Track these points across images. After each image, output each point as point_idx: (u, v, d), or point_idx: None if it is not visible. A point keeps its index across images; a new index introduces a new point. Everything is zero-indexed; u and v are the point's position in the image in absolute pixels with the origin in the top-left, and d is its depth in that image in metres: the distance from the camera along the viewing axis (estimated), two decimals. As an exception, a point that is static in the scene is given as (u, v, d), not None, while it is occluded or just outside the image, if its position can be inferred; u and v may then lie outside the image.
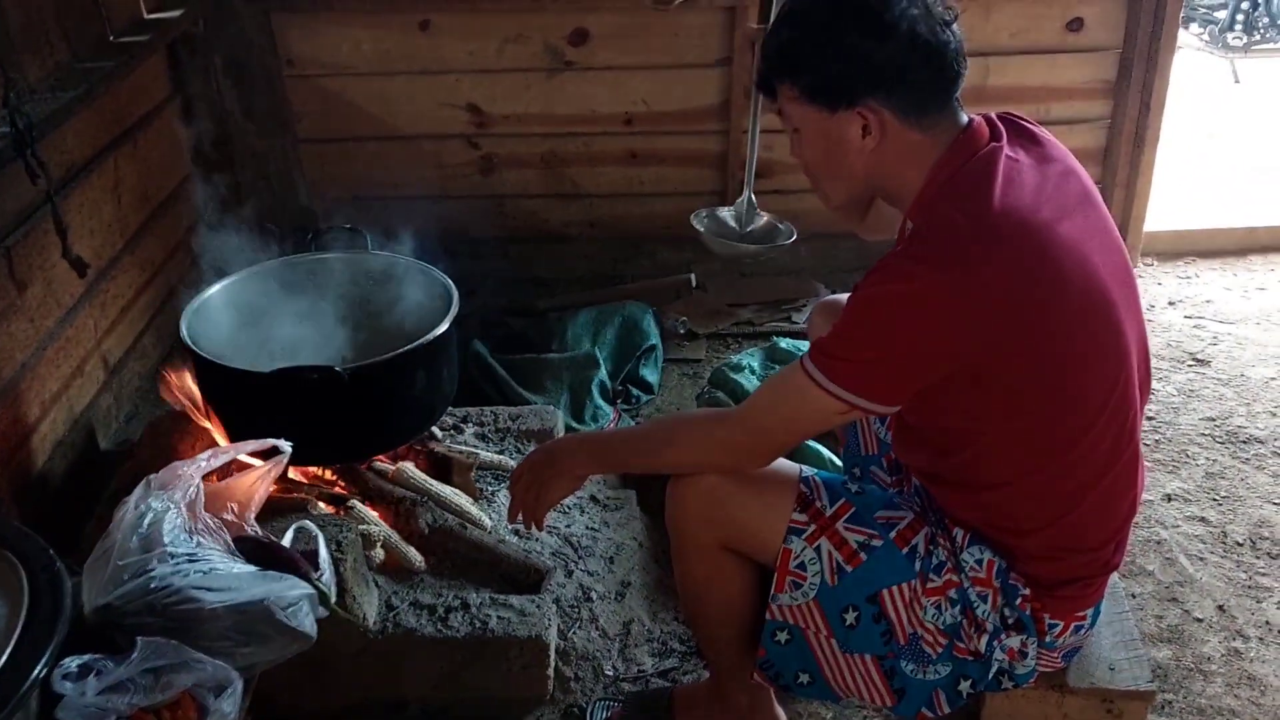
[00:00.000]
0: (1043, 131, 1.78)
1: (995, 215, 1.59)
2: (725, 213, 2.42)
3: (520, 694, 2.25)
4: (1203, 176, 5.07)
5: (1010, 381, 1.64)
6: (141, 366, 3.06)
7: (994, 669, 1.81)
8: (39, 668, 1.26)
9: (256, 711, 1.70)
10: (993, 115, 1.76)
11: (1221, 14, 6.86)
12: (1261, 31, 6.77)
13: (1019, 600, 1.78)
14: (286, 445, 1.85)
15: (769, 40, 1.73)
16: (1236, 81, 6.67)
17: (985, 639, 1.78)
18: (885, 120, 1.66)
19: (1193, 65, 6.60)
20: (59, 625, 1.31)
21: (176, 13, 3.29)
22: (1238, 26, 6.74)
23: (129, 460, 2.49)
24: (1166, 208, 4.26)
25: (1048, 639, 1.82)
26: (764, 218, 2.38)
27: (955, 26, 1.66)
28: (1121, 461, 1.75)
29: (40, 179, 2.24)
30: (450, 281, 2.48)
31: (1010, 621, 1.79)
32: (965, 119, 1.71)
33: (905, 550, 1.79)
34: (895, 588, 1.79)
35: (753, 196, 2.35)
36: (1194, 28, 7.03)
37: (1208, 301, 3.89)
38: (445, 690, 2.23)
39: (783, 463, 1.89)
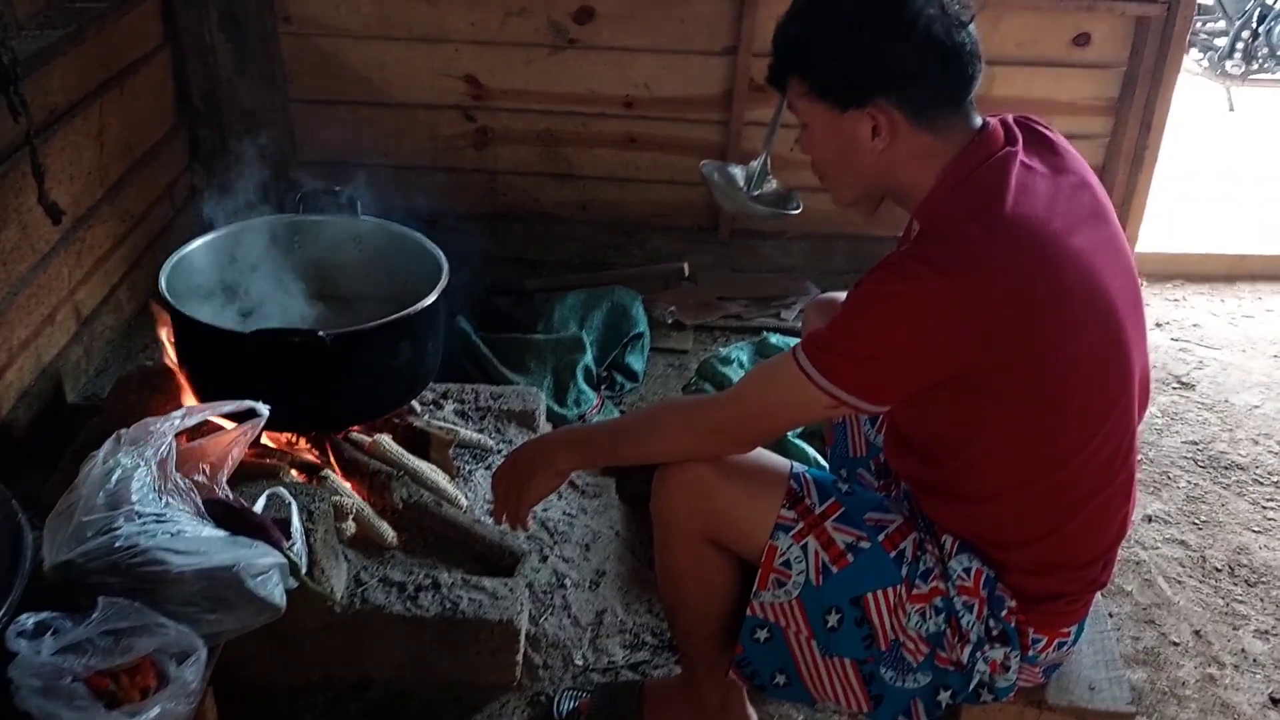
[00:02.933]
0: (1061, 139, 1.74)
1: (1006, 222, 1.56)
2: (736, 170, 2.35)
3: (487, 679, 2.20)
4: (1194, 202, 5.06)
5: (1005, 392, 1.61)
6: (114, 320, 2.99)
7: (975, 680, 1.77)
8: (-6, 623, 1.20)
9: (215, 683, 1.64)
10: (1009, 119, 1.73)
11: (1221, 41, 6.87)
12: (1260, 61, 6.77)
13: (1004, 612, 1.75)
14: (264, 408, 1.79)
15: (780, 33, 1.68)
16: (1231, 110, 6.68)
17: (968, 650, 1.74)
18: (896, 121, 1.62)
19: (1188, 90, 6.59)
20: (17, 579, 1.24)
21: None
22: (1237, 54, 6.74)
23: (96, 415, 2.42)
24: (1156, 230, 4.25)
25: (1031, 653, 1.78)
26: (773, 183, 2.31)
27: (972, 27, 1.62)
28: (1116, 482, 1.71)
29: (21, 117, 2.17)
30: (440, 252, 2.42)
31: (995, 633, 1.75)
32: (979, 121, 1.68)
33: (893, 554, 1.75)
34: (880, 592, 1.75)
35: (769, 161, 2.28)
36: (1193, 53, 7.04)
37: (1195, 325, 3.89)
38: (411, 672, 2.18)
39: (774, 457, 1.85)
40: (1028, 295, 1.54)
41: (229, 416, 1.84)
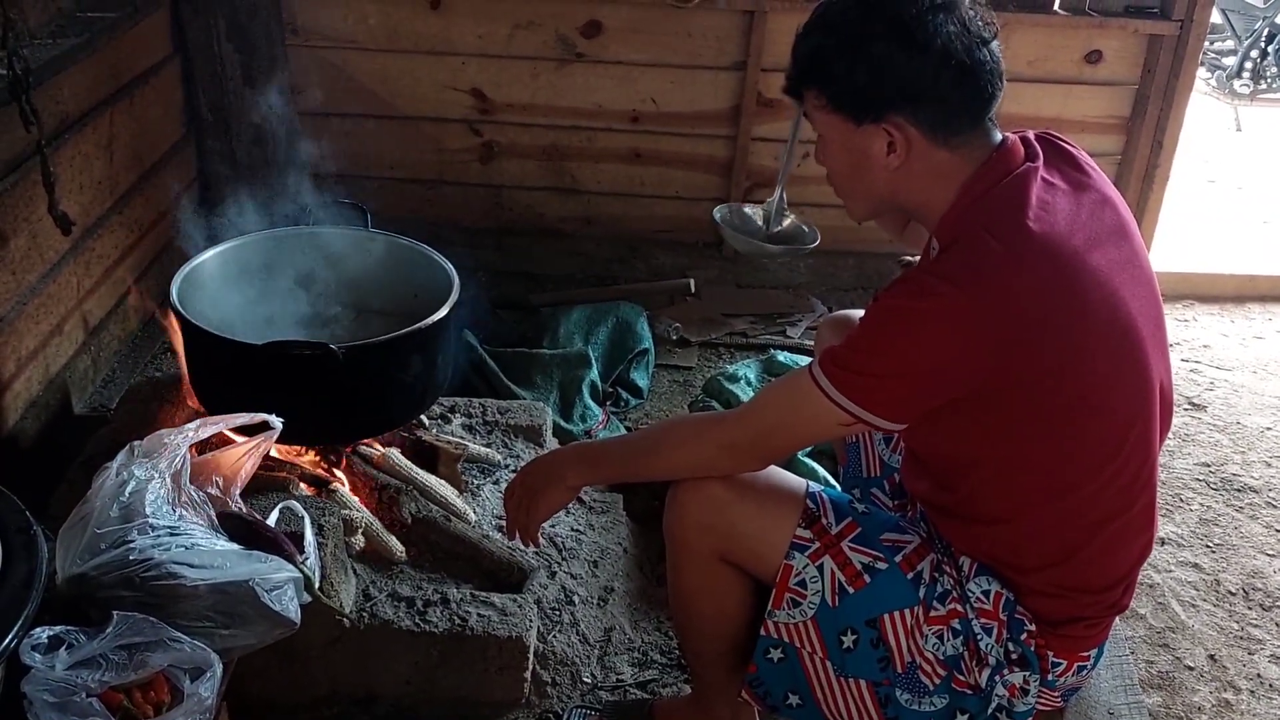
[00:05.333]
0: (1083, 156, 1.73)
1: (1026, 238, 1.55)
2: (751, 210, 2.37)
3: (495, 696, 2.17)
4: (1202, 222, 5.05)
5: (1021, 409, 1.59)
6: (122, 330, 2.97)
7: (993, 705, 1.75)
8: (9, 638, 1.18)
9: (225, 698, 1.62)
10: (1030, 135, 1.72)
11: (1230, 60, 6.85)
12: (1269, 81, 6.76)
13: (1024, 635, 1.73)
14: (277, 420, 1.77)
15: (799, 44, 1.68)
16: (1239, 129, 6.67)
17: (987, 673, 1.72)
18: (911, 138, 1.61)
19: (1196, 110, 6.59)
20: (33, 593, 1.22)
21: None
22: (1245, 74, 6.73)
23: (104, 426, 2.41)
24: (1166, 249, 4.24)
25: (1050, 677, 1.76)
26: (790, 218, 2.33)
27: (994, 45, 1.61)
28: (1137, 505, 1.69)
29: (33, 127, 2.16)
30: (451, 266, 2.41)
31: (1014, 656, 1.73)
32: (998, 138, 1.67)
33: (910, 576, 1.73)
34: (897, 613, 1.73)
35: (784, 196, 2.29)
36: (1201, 72, 7.03)
37: (1205, 346, 3.87)
38: (418, 688, 2.15)
39: (789, 476, 1.84)
40: (1046, 311, 1.53)
41: (241, 429, 1.82)
